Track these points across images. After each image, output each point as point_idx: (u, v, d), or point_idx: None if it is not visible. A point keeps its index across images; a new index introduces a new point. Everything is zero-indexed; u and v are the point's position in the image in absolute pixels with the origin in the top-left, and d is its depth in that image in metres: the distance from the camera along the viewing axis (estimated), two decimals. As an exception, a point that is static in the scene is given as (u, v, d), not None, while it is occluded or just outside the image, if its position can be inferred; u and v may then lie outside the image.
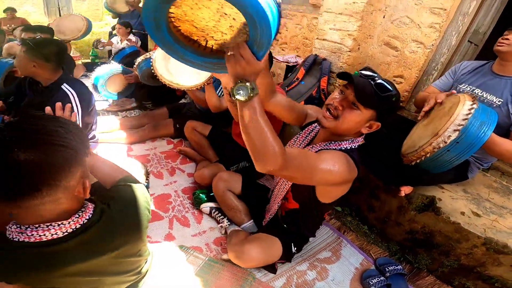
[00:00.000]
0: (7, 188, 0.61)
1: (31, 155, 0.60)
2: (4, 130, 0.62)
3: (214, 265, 1.41)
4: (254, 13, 0.63)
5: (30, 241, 0.67)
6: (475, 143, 1.16)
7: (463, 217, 1.38)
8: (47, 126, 0.65)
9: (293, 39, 3.38)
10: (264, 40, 0.70)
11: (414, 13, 2.22)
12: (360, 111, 1.04)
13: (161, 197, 1.85)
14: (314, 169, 0.96)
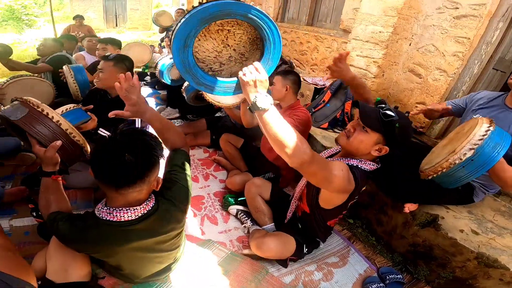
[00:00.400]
0: (117, 179, 0.96)
1: (135, 158, 0.94)
2: (119, 139, 0.97)
3: (235, 258, 1.69)
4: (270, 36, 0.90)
5: (114, 220, 1.02)
6: (488, 162, 1.23)
7: (461, 234, 1.51)
8: (146, 140, 0.99)
9: (323, 61, 3.59)
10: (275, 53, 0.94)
11: (440, 42, 2.33)
12: (368, 133, 1.27)
13: (196, 198, 2.19)
14: (331, 170, 1.16)
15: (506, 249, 1.41)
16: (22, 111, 1.17)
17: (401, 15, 2.43)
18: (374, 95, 2.62)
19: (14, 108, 1.19)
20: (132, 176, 0.96)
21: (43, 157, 1.18)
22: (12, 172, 2.24)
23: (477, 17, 2.11)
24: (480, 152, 1.22)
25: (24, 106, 1.19)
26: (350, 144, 1.31)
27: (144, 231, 1.08)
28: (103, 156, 0.96)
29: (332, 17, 3.68)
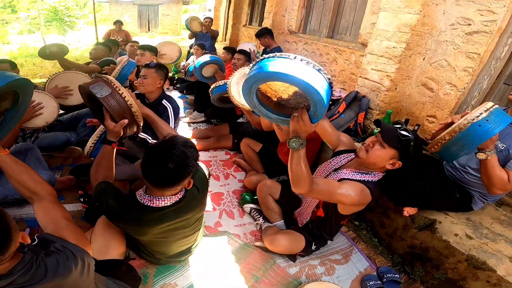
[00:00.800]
0: (160, 182, 1.23)
1: (176, 166, 1.19)
2: (165, 148, 1.22)
3: (247, 248, 1.91)
4: (316, 99, 1.06)
5: (152, 205, 1.29)
6: (484, 136, 1.34)
7: (455, 237, 1.64)
8: (185, 152, 1.22)
9: (341, 73, 3.72)
10: (319, 113, 1.14)
11: (452, 57, 2.42)
12: (385, 149, 1.46)
13: (216, 194, 2.44)
14: (332, 194, 1.43)
15: (496, 253, 1.53)
16: (106, 91, 1.41)
17: (414, 31, 2.54)
18: (386, 108, 2.77)
19: (98, 85, 1.42)
20: (171, 181, 1.23)
21: (111, 129, 1.45)
22: (61, 163, 2.61)
23: (488, 33, 2.19)
24: (473, 129, 1.33)
25: (107, 85, 1.43)
26: (369, 157, 1.51)
27: (174, 214, 1.35)
28: (152, 161, 1.22)
29: (351, 30, 3.80)
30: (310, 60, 1.04)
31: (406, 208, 1.81)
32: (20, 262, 0.84)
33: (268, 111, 1.29)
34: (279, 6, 5.21)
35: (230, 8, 8.81)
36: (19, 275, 0.83)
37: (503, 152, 1.59)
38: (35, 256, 0.88)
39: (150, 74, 2.18)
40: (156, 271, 1.66)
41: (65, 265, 0.91)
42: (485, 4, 2.19)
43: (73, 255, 0.95)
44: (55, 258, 0.90)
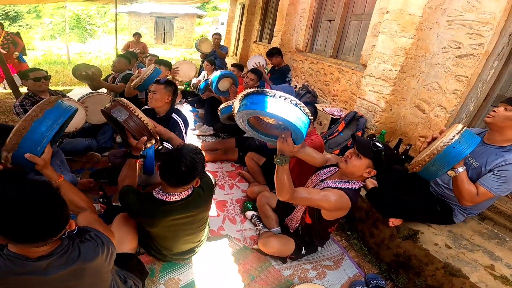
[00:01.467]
0: (176, 182, 1.51)
1: (187, 169, 1.48)
2: (178, 155, 1.50)
3: (246, 251, 2.09)
4: (295, 129, 1.34)
5: (165, 200, 1.54)
6: (458, 157, 1.50)
7: (434, 246, 1.80)
8: (194, 158, 1.51)
9: (343, 93, 3.90)
10: (299, 138, 1.42)
11: (443, 80, 2.59)
12: (361, 159, 1.66)
13: (220, 201, 2.64)
14: (312, 200, 1.65)
15: (471, 262, 1.68)
16: (125, 114, 1.70)
17: (408, 55, 2.73)
18: (382, 128, 2.95)
19: (117, 109, 1.71)
20: (183, 181, 1.54)
21: (134, 146, 1.76)
22: (81, 167, 2.87)
23: (476, 56, 2.33)
24: (448, 150, 1.49)
25: (125, 109, 1.72)
26: (347, 167, 1.70)
27: (182, 208, 1.60)
28: (168, 165, 1.52)
29: (354, 51, 4.02)
30: (289, 96, 1.30)
31: (392, 219, 1.98)
32: (59, 246, 1.02)
33: (260, 133, 1.58)
34: (288, 26, 5.49)
35: (242, 25, 9.21)
36: (57, 257, 1.00)
37: (476, 169, 1.75)
38: (71, 242, 1.06)
39: (159, 90, 2.36)
40: (162, 267, 1.85)
41: (95, 251, 1.09)
42: (474, 27, 2.35)
43: (102, 243, 1.12)
44: (88, 244, 1.09)
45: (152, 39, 18.68)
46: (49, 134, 1.28)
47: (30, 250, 0.96)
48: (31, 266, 0.96)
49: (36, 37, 17.79)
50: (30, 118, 1.25)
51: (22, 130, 1.23)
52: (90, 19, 18.24)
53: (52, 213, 0.93)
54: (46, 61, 10.24)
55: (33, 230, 0.89)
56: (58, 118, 1.33)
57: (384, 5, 3.19)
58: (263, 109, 1.29)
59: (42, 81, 2.62)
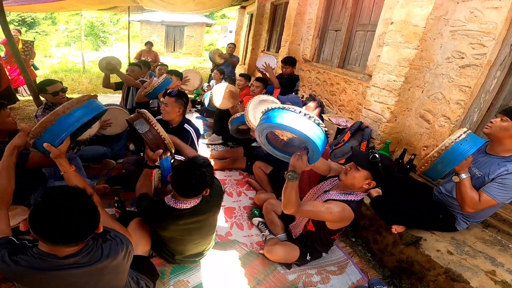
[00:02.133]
0: (187, 193, 1.68)
1: (197, 182, 1.61)
2: (189, 169, 1.62)
3: (252, 255, 2.17)
4: (314, 148, 1.39)
5: (176, 207, 1.66)
6: (463, 154, 1.61)
7: (437, 253, 1.86)
8: (204, 172, 1.63)
9: (350, 103, 3.95)
10: (315, 157, 1.48)
11: (447, 90, 2.63)
12: (360, 171, 1.73)
13: (228, 208, 2.73)
14: (316, 214, 1.74)
15: (473, 267, 1.74)
16: (146, 127, 1.84)
17: (412, 65, 2.76)
18: (387, 138, 2.99)
19: (140, 121, 1.85)
20: (194, 193, 1.69)
21: (150, 157, 1.89)
22: (97, 173, 3.01)
23: (478, 66, 2.36)
24: (456, 147, 1.60)
25: (146, 122, 1.86)
26: (347, 179, 1.78)
27: (191, 214, 1.72)
28: (179, 178, 1.64)
29: (360, 61, 4.07)
30: (312, 114, 1.35)
31: (395, 226, 2.04)
32: (85, 246, 1.13)
33: (274, 148, 1.66)
34: (295, 36, 5.60)
35: (250, 34, 9.38)
36: (83, 256, 1.11)
37: (479, 179, 1.82)
38: (95, 242, 1.17)
39: (170, 103, 2.45)
40: (172, 269, 1.95)
41: (115, 249, 1.20)
42: (477, 37, 2.39)
43: (121, 242, 1.23)
44: (109, 244, 1.20)
45: (163, 48, 19.06)
46: (69, 129, 1.45)
47: (60, 250, 1.07)
48: (59, 263, 1.07)
49: (52, 44, 18.32)
50: (57, 113, 1.42)
51: (47, 122, 1.41)
52: (103, 26, 18.67)
53: (88, 219, 1.05)
54: (62, 69, 10.59)
55: (70, 233, 1.01)
56: (82, 116, 1.48)
57: (388, 16, 3.26)
58: (287, 125, 1.31)
59: (60, 94, 2.75)
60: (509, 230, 2.06)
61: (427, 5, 2.61)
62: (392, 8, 3.15)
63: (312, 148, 1.40)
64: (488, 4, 2.32)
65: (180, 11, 9.05)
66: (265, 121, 1.40)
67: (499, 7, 2.24)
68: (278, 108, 1.37)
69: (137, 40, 19.61)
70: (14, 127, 2.13)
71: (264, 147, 1.65)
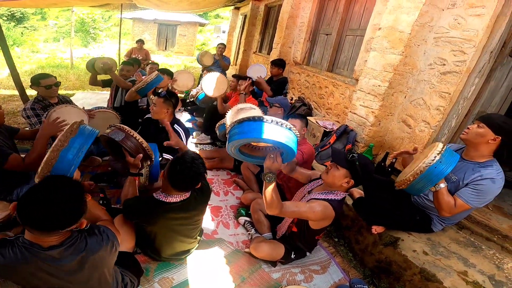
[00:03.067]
0: (185, 187, 1.73)
1: (195, 175, 1.68)
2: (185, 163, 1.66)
3: (238, 253, 2.20)
4: (288, 150, 1.50)
5: (166, 201, 1.69)
6: (440, 175, 1.64)
7: (413, 253, 1.92)
8: (199, 164, 1.70)
9: (337, 106, 4.02)
10: (289, 158, 1.60)
11: (428, 96, 2.70)
12: (339, 170, 1.80)
13: (215, 207, 2.75)
14: (300, 213, 1.81)
15: (446, 267, 1.80)
16: (121, 135, 1.88)
17: (396, 71, 2.84)
18: (370, 141, 3.07)
19: (115, 132, 1.91)
20: (191, 186, 1.75)
21: (132, 163, 1.90)
22: (82, 170, 2.98)
23: (458, 73, 2.43)
24: (431, 170, 1.63)
25: (121, 130, 1.91)
26: (327, 177, 1.85)
27: (180, 208, 1.75)
28: (178, 172, 1.67)
29: (349, 66, 4.15)
30: (283, 121, 1.47)
31: (374, 226, 2.11)
32: (69, 237, 1.15)
33: (246, 156, 1.79)
34: (287, 38, 5.67)
35: (243, 35, 9.41)
36: (66, 247, 1.13)
37: (454, 183, 1.88)
38: (79, 234, 1.19)
39: (159, 103, 2.55)
40: (157, 266, 1.96)
41: (100, 244, 1.23)
42: (458, 44, 2.46)
43: (108, 238, 1.26)
44: (95, 238, 1.23)
45: (154, 46, 18.88)
46: (76, 162, 1.41)
47: (43, 239, 1.09)
48: (43, 254, 1.09)
49: (40, 39, 17.95)
50: (57, 148, 1.37)
51: (51, 160, 1.35)
52: (94, 23, 18.36)
53: (72, 207, 1.08)
54: (49, 64, 10.41)
55: (52, 219, 1.04)
56: (82, 145, 1.44)
57: (377, 21, 3.33)
58: (262, 137, 1.42)
59: (53, 88, 2.76)
60: (482, 232, 2.15)
61: (413, 12, 2.68)
62: (381, 14, 3.23)
63: (286, 151, 1.53)
64: (472, 11, 2.40)
65: (174, 10, 9.01)
66: (238, 136, 1.50)
67: (482, 14, 2.32)
68: (250, 120, 1.46)
69: (128, 37, 19.40)
70: (2, 121, 2.12)
71: (234, 157, 1.77)
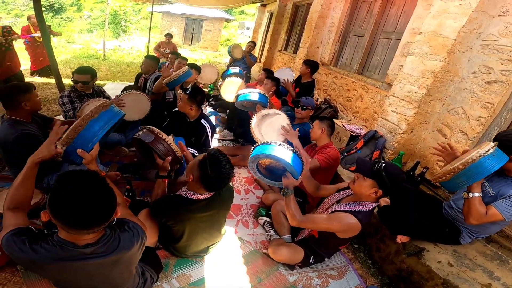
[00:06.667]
0: (218, 187, 1.72)
1: (228, 174, 1.67)
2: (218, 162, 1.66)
3: (256, 254, 2.19)
4: (289, 169, 1.79)
5: (193, 198, 1.70)
6: (488, 170, 1.56)
7: (437, 264, 1.86)
8: (230, 170, 1.68)
9: (365, 110, 3.89)
10: (296, 175, 1.81)
11: (468, 105, 2.56)
12: (365, 180, 1.75)
13: (236, 205, 2.75)
14: (318, 226, 1.89)
15: (470, 280, 1.74)
16: (151, 137, 1.92)
17: (436, 78, 2.69)
18: (400, 149, 2.95)
19: (145, 134, 1.95)
20: (224, 184, 1.73)
21: (161, 166, 1.91)
22: (110, 159, 3.08)
23: (505, 83, 2.29)
24: (483, 161, 1.56)
25: (151, 133, 1.95)
26: (354, 187, 1.81)
27: (205, 206, 1.76)
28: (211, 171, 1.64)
29: (381, 69, 4.00)
30: (289, 146, 1.87)
31: (400, 236, 2.05)
32: (103, 235, 1.12)
33: (265, 177, 2.11)
34: (315, 38, 5.56)
35: (268, 32, 9.33)
36: (101, 245, 1.10)
37: (491, 198, 1.81)
38: (113, 231, 1.17)
39: (184, 100, 2.65)
40: (176, 262, 1.98)
41: (131, 240, 1.21)
42: (508, 53, 2.31)
43: (138, 234, 1.24)
44: (127, 234, 1.21)
45: (181, 40, 19.18)
46: (100, 133, 1.44)
47: (79, 237, 1.07)
48: (77, 252, 1.07)
49: (76, 30, 18.69)
50: (87, 117, 1.41)
51: (79, 127, 1.39)
52: (125, 15, 18.86)
53: (106, 202, 1.05)
54: (83, 55, 10.81)
55: (90, 217, 1.01)
56: (109, 120, 1.50)
57: (417, 25, 3.19)
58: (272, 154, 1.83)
59: (89, 84, 2.97)
60: (511, 246, 2.07)
61: (461, 18, 2.54)
62: (422, 18, 3.09)
63: (289, 169, 1.83)
64: (526, 19, 2.23)
65: (202, 5, 9.10)
66: (255, 153, 1.91)
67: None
68: (267, 143, 1.90)
69: (156, 31, 19.80)
70: (39, 108, 2.21)
71: (255, 175, 2.11)
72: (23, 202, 1.28)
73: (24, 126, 2.09)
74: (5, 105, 2.06)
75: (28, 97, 2.07)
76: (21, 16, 20.50)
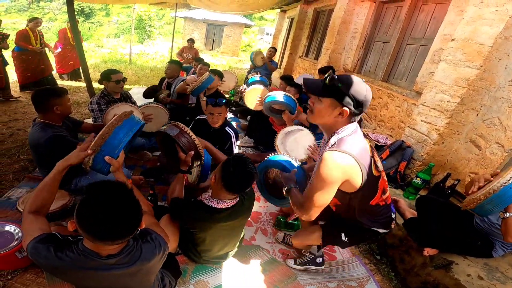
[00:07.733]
0: (240, 189, 1.71)
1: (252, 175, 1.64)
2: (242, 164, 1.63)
3: (274, 262, 2.16)
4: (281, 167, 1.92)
5: (218, 207, 1.69)
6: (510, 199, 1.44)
7: (467, 277, 1.78)
8: (252, 167, 1.63)
9: (391, 119, 3.76)
10: None
11: (505, 115, 2.42)
12: (321, 101, 1.39)
13: (255, 213, 2.73)
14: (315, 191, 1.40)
15: (501, 293, 1.64)
16: (176, 130, 1.95)
17: (471, 86, 2.56)
18: (430, 160, 2.81)
19: (170, 128, 1.98)
20: (246, 187, 1.71)
21: (183, 160, 1.93)
22: (134, 163, 3.14)
23: None
24: (505, 190, 1.44)
25: (175, 127, 1.98)
26: (314, 116, 1.44)
27: (229, 215, 1.75)
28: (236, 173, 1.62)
29: (408, 77, 3.86)
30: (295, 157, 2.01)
31: (427, 248, 1.98)
32: (126, 246, 1.12)
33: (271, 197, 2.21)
34: (338, 44, 5.48)
35: (289, 38, 9.29)
36: (123, 256, 1.09)
37: None
38: (135, 242, 1.15)
39: (223, 111, 2.65)
40: (194, 268, 1.98)
41: (153, 252, 1.21)
42: None
43: (160, 245, 1.23)
44: (149, 245, 1.20)
45: (202, 45, 19.56)
46: (125, 140, 1.47)
47: (103, 248, 1.07)
48: (100, 263, 1.07)
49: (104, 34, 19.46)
50: (112, 125, 1.44)
51: (105, 134, 1.42)
52: (150, 20, 19.45)
53: (133, 214, 1.05)
54: (111, 59, 11.22)
55: (117, 229, 1.01)
56: (132, 127, 1.52)
57: (449, 31, 3.08)
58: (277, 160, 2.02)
59: (121, 83, 3.00)
60: None
61: (497, 24, 2.42)
62: (454, 24, 2.98)
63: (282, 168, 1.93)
64: None
65: (224, 11, 9.24)
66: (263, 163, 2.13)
67: None
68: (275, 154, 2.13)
69: (179, 36, 20.31)
70: (70, 112, 2.29)
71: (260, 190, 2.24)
72: (43, 206, 1.30)
73: (55, 129, 2.16)
74: (37, 108, 2.14)
75: (60, 101, 2.14)
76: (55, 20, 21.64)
